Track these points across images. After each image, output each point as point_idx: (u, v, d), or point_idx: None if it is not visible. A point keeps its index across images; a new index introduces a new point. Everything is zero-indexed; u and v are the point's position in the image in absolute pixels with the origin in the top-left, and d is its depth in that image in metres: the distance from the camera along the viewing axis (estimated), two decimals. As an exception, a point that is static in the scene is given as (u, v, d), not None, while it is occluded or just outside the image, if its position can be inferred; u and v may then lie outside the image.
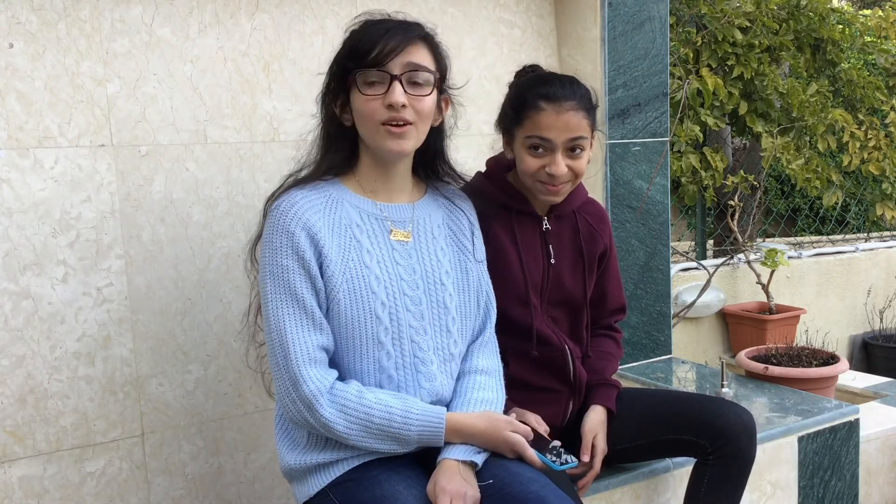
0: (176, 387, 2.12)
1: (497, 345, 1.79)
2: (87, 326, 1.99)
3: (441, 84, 1.63)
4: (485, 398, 1.66)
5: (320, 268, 1.54)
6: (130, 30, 2.01)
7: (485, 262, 1.78)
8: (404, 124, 1.55)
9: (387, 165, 1.64)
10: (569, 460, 1.62)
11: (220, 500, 2.21)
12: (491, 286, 1.79)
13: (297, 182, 1.62)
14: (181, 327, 2.11)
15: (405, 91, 1.53)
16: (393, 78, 1.53)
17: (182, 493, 2.15)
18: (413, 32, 1.56)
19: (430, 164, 1.74)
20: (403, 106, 1.53)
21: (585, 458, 1.88)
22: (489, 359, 1.74)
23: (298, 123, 2.25)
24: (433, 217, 1.71)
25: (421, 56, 1.56)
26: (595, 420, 1.92)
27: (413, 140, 1.59)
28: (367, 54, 1.52)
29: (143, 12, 2.03)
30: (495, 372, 1.74)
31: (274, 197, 1.62)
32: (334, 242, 1.55)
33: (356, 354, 1.57)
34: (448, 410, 1.63)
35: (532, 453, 1.59)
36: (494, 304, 1.78)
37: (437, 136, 1.71)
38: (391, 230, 1.63)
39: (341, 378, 1.58)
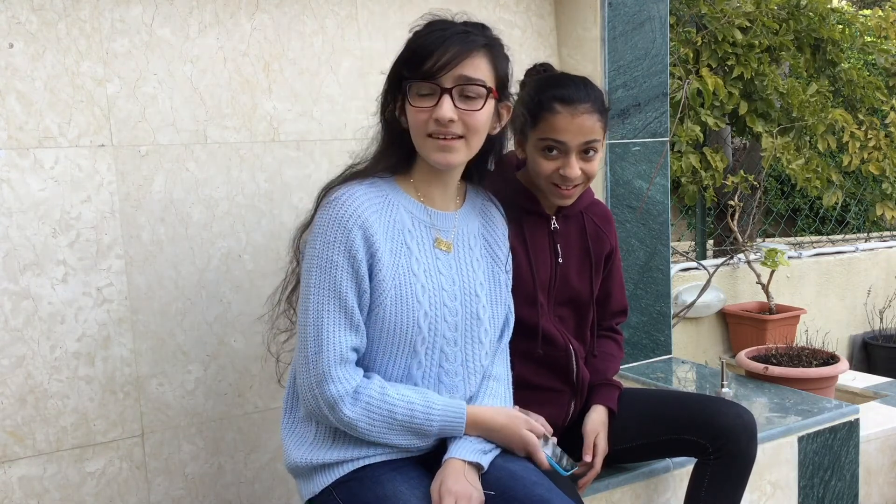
0: (176, 387, 2.12)
1: (508, 353, 1.79)
2: (87, 326, 1.99)
3: (501, 92, 1.59)
4: (495, 405, 1.68)
5: (370, 269, 1.52)
6: (130, 30, 2.01)
7: (510, 273, 1.77)
8: (452, 138, 1.52)
9: (440, 172, 1.61)
10: (572, 465, 1.68)
11: (220, 500, 2.21)
12: (511, 296, 1.78)
13: (354, 175, 1.59)
14: (181, 327, 2.11)
15: (455, 105, 1.49)
16: (444, 91, 1.48)
17: (182, 493, 2.15)
18: (472, 44, 1.50)
19: (485, 168, 1.72)
20: (451, 121, 1.49)
21: (587, 458, 1.88)
22: (501, 366, 1.75)
23: (298, 123, 2.25)
24: (471, 227, 1.70)
25: (476, 67, 1.50)
26: (596, 420, 1.92)
27: (462, 153, 1.55)
28: (421, 65, 1.48)
29: (143, 12, 2.03)
30: (505, 379, 1.76)
31: (331, 186, 1.58)
32: (387, 246, 1.54)
33: (389, 359, 1.57)
34: None
35: (543, 456, 1.62)
36: (513, 314, 1.78)
37: (494, 143, 1.68)
38: (436, 238, 1.62)
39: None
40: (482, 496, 1.52)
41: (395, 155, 1.60)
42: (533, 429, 1.63)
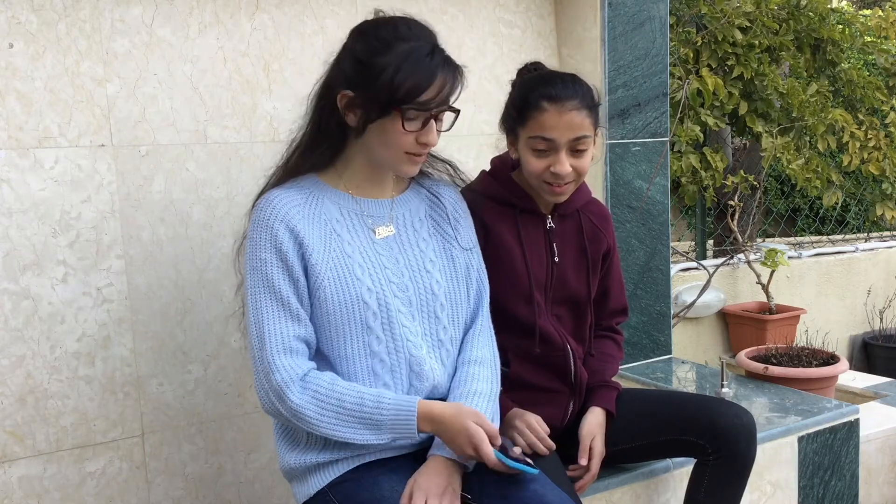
0: (176, 387, 2.12)
1: (493, 333, 1.78)
2: (87, 326, 2.00)
3: None
4: (478, 390, 1.66)
5: (303, 258, 1.56)
6: (130, 30, 2.01)
7: (475, 250, 1.78)
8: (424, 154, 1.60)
9: (378, 170, 1.66)
10: (528, 463, 1.54)
11: (220, 500, 2.21)
12: (484, 273, 1.78)
13: (276, 181, 1.65)
14: (181, 327, 2.11)
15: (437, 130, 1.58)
16: (433, 118, 1.56)
17: (182, 493, 2.15)
18: (459, 74, 1.57)
19: None
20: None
21: (583, 461, 1.88)
22: (483, 348, 1.73)
23: (299, 124, 2.25)
24: (414, 211, 1.71)
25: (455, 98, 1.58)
26: (593, 422, 1.92)
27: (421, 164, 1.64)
28: (418, 94, 1.51)
29: (143, 12, 2.03)
30: (489, 361, 1.72)
31: (259, 196, 1.64)
32: (315, 234, 1.57)
33: (345, 339, 1.58)
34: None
35: (489, 449, 1.50)
36: (487, 291, 1.78)
37: None
38: (375, 230, 1.64)
39: (328, 368, 1.59)
40: (457, 495, 1.51)
41: (326, 153, 1.64)
42: (482, 423, 1.53)
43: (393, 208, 1.69)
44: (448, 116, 1.60)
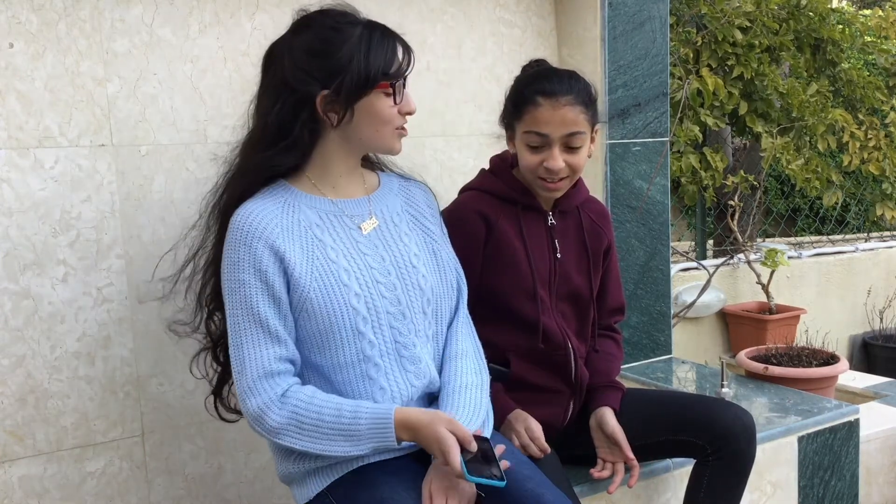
0: (176, 387, 2.12)
1: (472, 324, 1.78)
2: (87, 326, 1.99)
3: None
4: (466, 383, 1.66)
5: (285, 273, 1.54)
6: (130, 30, 2.02)
7: (447, 242, 1.77)
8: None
9: (355, 161, 1.67)
10: (494, 476, 1.46)
11: (220, 500, 2.21)
12: (459, 263, 1.77)
13: (238, 183, 1.62)
14: (181, 327, 2.11)
15: None
16: (404, 86, 1.62)
17: (182, 493, 2.15)
18: (408, 46, 1.64)
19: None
20: None
21: (629, 453, 1.88)
22: (465, 340, 1.73)
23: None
24: (391, 206, 1.71)
25: None
26: (613, 421, 1.91)
27: None
28: (389, 66, 1.58)
29: (143, 12, 2.03)
30: (473, 352, 1.73)
31: (217, 203, 1.64)
32: (296, 245, 1.56)
33: (338, 348, 1.57)
34: (438, 402, 1.63)
35: (456, 460, 1.44)
36: (465, 282, 1.78)
37: None
38: (360, 226, 1.64)
39: (321, 379, 1.59)
40: (473, 490, 1.51)
41: (298, 156, 1.61)
42: (455, 430, 1.48)
43: (371, 204, 1.68)
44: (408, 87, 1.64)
